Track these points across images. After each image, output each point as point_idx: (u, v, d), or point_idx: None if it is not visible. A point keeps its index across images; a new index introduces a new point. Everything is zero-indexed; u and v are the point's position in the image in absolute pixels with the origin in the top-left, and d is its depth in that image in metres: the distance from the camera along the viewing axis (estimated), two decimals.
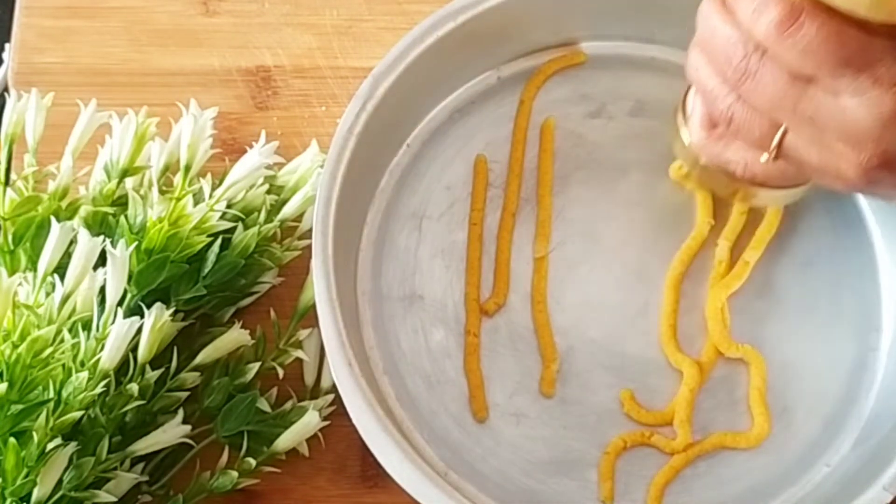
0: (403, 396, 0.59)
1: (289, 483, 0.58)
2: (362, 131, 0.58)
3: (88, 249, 0.53)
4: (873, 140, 0.42)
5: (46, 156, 0.58)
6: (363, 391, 0.53)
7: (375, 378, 0.59)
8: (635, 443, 0.58)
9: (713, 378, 0.60)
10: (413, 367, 0.60)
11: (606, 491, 0.57)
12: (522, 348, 0.60)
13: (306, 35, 0.67)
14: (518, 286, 0.61)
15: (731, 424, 0.59)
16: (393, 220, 0.62)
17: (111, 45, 0.66)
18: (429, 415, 0.59)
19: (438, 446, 0.58)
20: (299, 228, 0.61)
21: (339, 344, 0.54)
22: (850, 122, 0.42)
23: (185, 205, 0.56)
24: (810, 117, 0.43)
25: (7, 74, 0.66)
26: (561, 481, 0.58)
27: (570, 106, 0.64)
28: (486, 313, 0.60)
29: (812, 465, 0.58)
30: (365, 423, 0.53)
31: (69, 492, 0.51)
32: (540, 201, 0.62)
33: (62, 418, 0.50)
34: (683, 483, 0.58)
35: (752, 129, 0.46)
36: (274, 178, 0.61)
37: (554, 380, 0.59)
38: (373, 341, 0.60)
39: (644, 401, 0.59)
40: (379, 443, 0.53)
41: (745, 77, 0.44)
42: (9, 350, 0.50)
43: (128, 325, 0.52)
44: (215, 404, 0.56)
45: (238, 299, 0.59)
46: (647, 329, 0.60)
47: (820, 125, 0.43)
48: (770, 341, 0.60)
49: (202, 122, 0.58)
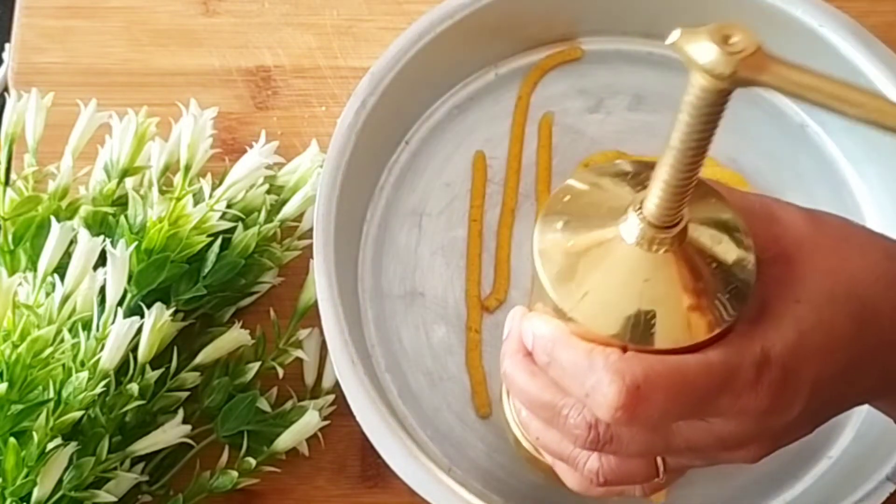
0: (406, 394, 0.59)
1: (289, 483, 0.58)
2: (362, 129, 0.58)
3: (88, 249, 0.53)
4: (753, 436, 0.40)
5: (46, 156, 0.58)
6: (366, 389, 0.53)
7: (378, 376, 0.59)
8: None
9: None
10: (415, 365, 0.60)
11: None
12: None
13: (306, 35, 0.67)
14: (518, 282, 0.61)
15: None
16: (393, 218, 0.62)
17: (111, 45, 0.66)
18: (432, 412, 0.59)
19: (442, 443, 0.58)
20: (299, 228, 0.61)
21: (342, 342, 0.54)
22: (725, 436, 0.39)
23: (185, 205, 0.56)
24: (685, 448, 0.40)
25: (7, 74, 0.66)
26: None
27: (568, 101, 0.65)
28: (486, 309, 0.61)
29: (814, 456, 0.58)
30: (369, 421, 0.53)
31: (69, 492, 0.51)
32: (539, 197, 0.62)
33: (62, 418, 0.50)
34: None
35: (632, 478, 0.42)
36: (274, 178, 0.61)
37: None
38: (374, 339, 0.60)
39: None
40: (383, 441, 0.53)
41: (602, 444, 0.40)
42: (9, 350, 0.50)
43: (128, 325, 0.52)
44: (215, 404, 0.56)
45: (238, 299, 0.59)
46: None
47: (698, 448, 0.40)
48: None
49: (202, 122, 0.58)
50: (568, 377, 0.39)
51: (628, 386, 0.37)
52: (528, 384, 0.41)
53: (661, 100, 0.64)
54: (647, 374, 0.37)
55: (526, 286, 0.61)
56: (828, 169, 0.64)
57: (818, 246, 0.41)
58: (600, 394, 0.37)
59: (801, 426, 0.41)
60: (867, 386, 0.42)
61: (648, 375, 0.37)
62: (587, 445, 0.40)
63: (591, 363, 0.38)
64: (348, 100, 0.58)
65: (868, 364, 0.41)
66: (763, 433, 0.40)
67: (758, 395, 0.38)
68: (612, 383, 0.37)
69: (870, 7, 0.66)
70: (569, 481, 0.45)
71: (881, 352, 0.41)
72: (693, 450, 0.40)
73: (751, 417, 0.38)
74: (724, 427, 0.39)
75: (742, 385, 0.38)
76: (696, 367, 0.37)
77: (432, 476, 0.52)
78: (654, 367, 0.37)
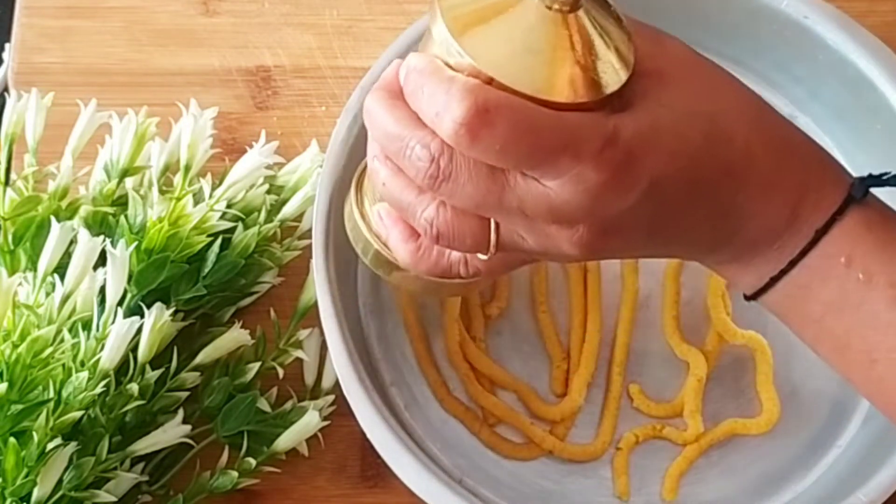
0: (413, 406, 0.59)
1: (289, 483, 0.58)
2: (357, 136, 0.57)
3: (88, 249, 0.53)
4: (585, 215, 0.40)
5: (46, 156, 0.58)
6: (376, 406, 0.53)
7: (385, 390, 0.59)
8: (647, 436, 0.58)
9: (719, 366, 0.60)
10: (420, 377, 0.60)
11: (622, 486, 0.58)
12: (527, 350, 0.60)
13: (306, 35, 0.67)
14: (518, 290, 0.61)
15: (740, 411, 0.59)
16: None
17: (111, 45, 0.66)
18: (439, 423, 0.59)
19: (451, 454, 0.58)
20: (299, 228, 0.61)
21: (348, 358, 0.54)
22: (558, 203, 0.40)
23: (185, 205, 0.56)
24: (518, 208, 0.40)
25: (7, 74, 0.66)
26: (576, 480, 0.58)
27: None
28: (488, 318, 0.60)
29: (823, 446, 0.58)
30: (379, 436, 0.53)
31: (69, 492, 0.51)
32: None
33: (62, 418, 0.50)
34: (698, 473, 0.58)
35: (464, 237, 0.42)
36: (274, 178, 0.61)
37: (565, 379, 0.59)
38: (378, 353, 0.60)
39: (652, 394, 0.59)
40: (395, 455, 0.53)
41: (440, 181, 0.40)
42: (9, 350, 0.50)
43: (128, 325, 0.52)
44: (215, 404, 0.56)
45: (238, 299, 0.59)
46: (649, 321, 0.60)
47: (530, 213, 0.41)
48: (773, 326, 0.59)
49: (202, 122, 0.58)
50: (426, 99, 0.39)
51: (478, 106, 0.38)
52: (384, 116, 0.41)
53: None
54: (498, 102, 0.38)
55: (526, 292, 0.61)
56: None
57: (695, 74, 0.43)
58: (449, 110, 0.38)
59: (630, 229, 0.42)
60: (702, 222, 0.43)
61: (500, 104, 0.38)
62: (426, 180, 0.40)
63: (450, 84, 0.39)
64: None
65: (707, 195, 0.42)
66: (594, 214, 0.40)
67: (597, 166, 0.39)
68: (463, 101, 0.38)
69: (869, 7, 0.66)
70: (400, 254, 0.45)
71: (722, 186, 0.42)
72: (525, 216, 0.41)
73: (586, 190, 0.39)
74: (559, 194, 0.40)
75: (585, 151, 0.39)
76: (548, 116, 0.39)
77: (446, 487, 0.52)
78: (510, 100, 0.38)
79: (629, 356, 0.60)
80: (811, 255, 0.43)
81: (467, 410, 0.59)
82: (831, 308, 0.44)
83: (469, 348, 0.59)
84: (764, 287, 0.45)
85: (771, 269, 0.44)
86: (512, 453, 0.58)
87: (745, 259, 0.44)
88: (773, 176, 0.43)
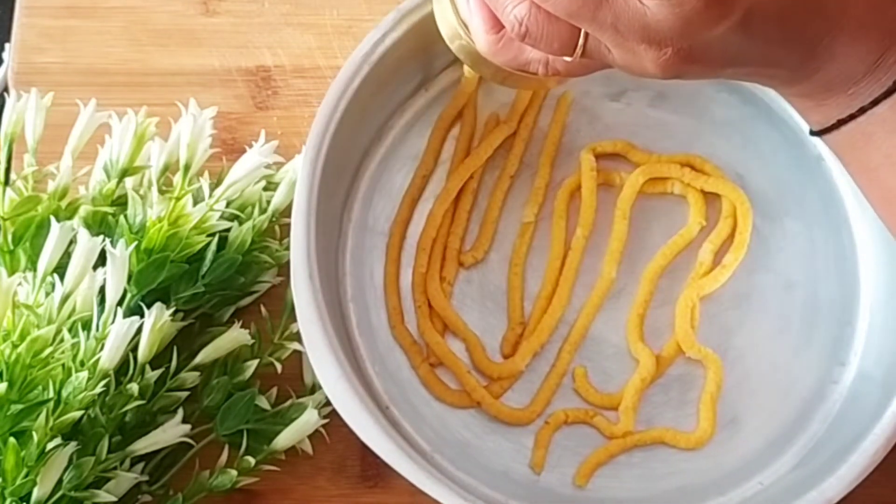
0: (364, 326, 0.59)
1: (288, 482, 0.58)
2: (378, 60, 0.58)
3: (88, 249, 0.53)
4: (675, 37, 0.41)
5: (46, 156, 0.58)
6: (320, 311, 0.53)
7: (341, 302, 0.59)
8: (577, 419, 0.59)
9: (670, 375, 0.60)
10: (380, 301, 0.60)
11: (538, 458, 0.58)
12: (490, 306, 0.60)
13: (306, 35, 0.67)
14: (500, 246, 0.61)
15: (675, 423, 0.59)
16: (394, 159, 0.62)
17: (111, 45, 0.66)
18: (385, 349, 0.59)
19: (386, 381, 0.59)
20: None
21: (305, 257, 0.54)
22: (652, 23, 0.41)
23: (185, 204, 0.56)
24: (611, 23, 0.41)
25: (7, 74, 0.66)
26: (496, 440, 0.58)
27: (592, 84, 0.63)
28: (462, 265, 0.61)
29: (746, 479, 0.58)
30: (314, 340, 0.53)
31: (69, 492, 0.51)
32: (539, 169, 0.62)
33: (62, 418, 0.50)
34: (615, 469, 0.58)
35: (551, 41, 0.43)
36: (272, 177, 0.61)
37: (516, 342, 0.60)
38: (348, 268, 0.60)
39: (596, 382, 0.59)
40: (323, 363, 0.53)
41: None
42: (9, 350, 0.50)
43: (128, 324, 0.52)
44: (215, 403, 0.56)
45: (238, 298, 0.59)
46: (615, 313, 0.60)
47: (622, 30, 0.41)
48: (735, 352, 0.60)
49: (201, 122, 0.58)
50: None
51: None
52: None
53: (683, 102, 0.63)
54: None
55: (506, 252, 0.61)
56: (833, 206, 0.62)
57: None
58: None
59: (716, 57, 0.42)
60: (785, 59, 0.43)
61: None
62: None
63: None
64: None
65: (796, 34, 0.42)
66: (685, 38, 0.41)
67: None
68: None
69: None
70: (480, 42, 0.47)
71: (813, 27, 0.42)
72: (617, 31, 0.41)
73: (682, 14, 0.40)
74: (654, 14, 0.40)
75: None
76: None
77: (367, 412, 0.52)
78: None
79: (584, 339, 0.60)
80: (883, 104, 0.43)
81: (413, 343, 0.59)
82: (889, 160, 0.44)
83: (432, 285, 0.60)
84: (829, 127, 0.45)
85: (839, 113, 0.45)
86: (443, 396, 0.59)
87: (818, 98, 0.45)
88: (865, 21, 0.43)
